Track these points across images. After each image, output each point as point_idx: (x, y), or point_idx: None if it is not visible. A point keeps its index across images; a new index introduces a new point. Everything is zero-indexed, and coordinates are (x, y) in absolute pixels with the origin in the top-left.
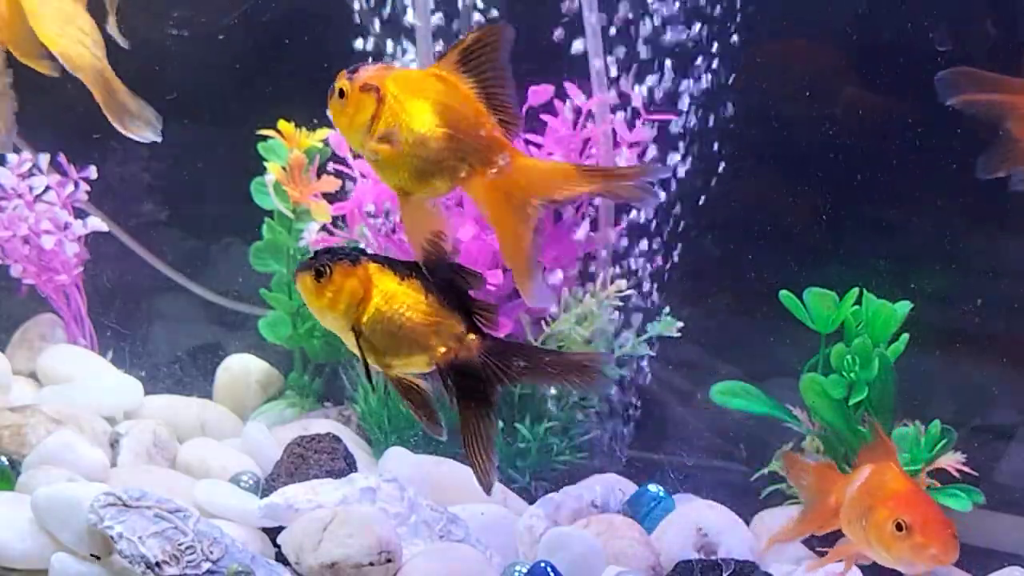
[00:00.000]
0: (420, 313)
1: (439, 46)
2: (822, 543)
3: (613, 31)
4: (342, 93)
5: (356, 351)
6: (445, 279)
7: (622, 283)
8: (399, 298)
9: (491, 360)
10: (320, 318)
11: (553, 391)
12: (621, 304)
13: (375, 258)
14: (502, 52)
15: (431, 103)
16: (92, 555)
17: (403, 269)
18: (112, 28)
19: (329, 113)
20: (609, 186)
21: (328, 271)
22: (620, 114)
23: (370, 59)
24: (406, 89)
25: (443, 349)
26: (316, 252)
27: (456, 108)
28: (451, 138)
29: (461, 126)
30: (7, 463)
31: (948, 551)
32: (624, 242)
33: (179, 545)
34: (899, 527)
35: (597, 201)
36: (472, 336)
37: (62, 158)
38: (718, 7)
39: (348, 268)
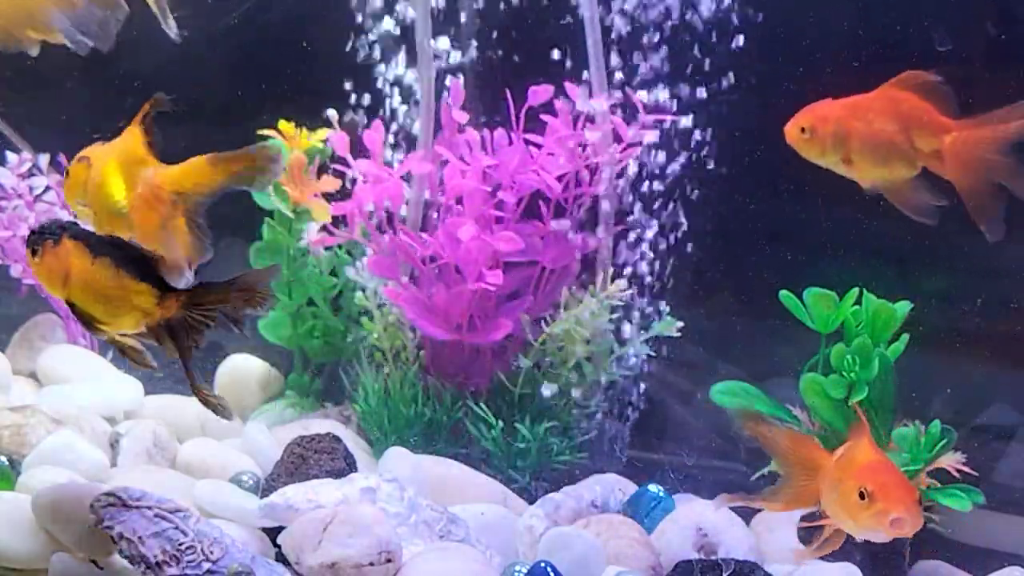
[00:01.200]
0: (114, 286)
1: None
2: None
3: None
4: (68, 172)
5: (75, 317)
6: (134, 253)
7: (622, 283)
8: (94, 274)
9: (191, 311)
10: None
11: (548, 392)
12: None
13: (75, 235)
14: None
15: (115, 154)
16: (91, 560)
17: (97, 247)
18: (168, 27)
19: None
20: (238, 167)
21: (39, 250)
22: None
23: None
24: (101, 153)
25: (151, 314)
26: (33, 229)
27: (126, 150)
28: (126, 177)
29: (130, 161)
30: (7, 463)
31: (910, 516)
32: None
33: (179, 545)
34: (861, 495)
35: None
36: (170, 296)
37: (62, 158)
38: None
39: (52, 248)
